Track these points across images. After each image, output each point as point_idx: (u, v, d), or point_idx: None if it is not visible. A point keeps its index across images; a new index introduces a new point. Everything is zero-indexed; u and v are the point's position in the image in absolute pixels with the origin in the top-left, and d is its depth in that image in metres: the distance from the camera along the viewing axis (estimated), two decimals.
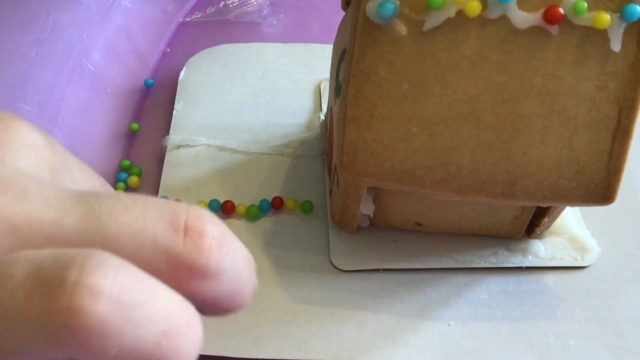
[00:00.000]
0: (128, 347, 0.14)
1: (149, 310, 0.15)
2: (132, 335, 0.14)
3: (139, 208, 0.16)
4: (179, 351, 0.15)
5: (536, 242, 0.32)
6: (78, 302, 0.13)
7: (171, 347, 0.15)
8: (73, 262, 0.14)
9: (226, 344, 0.28)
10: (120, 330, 0.14)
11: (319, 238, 0.33)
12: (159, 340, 0.15)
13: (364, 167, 0.26)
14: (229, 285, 0.17)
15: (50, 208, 0.16)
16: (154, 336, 0.15)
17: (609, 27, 0.24)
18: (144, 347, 0.15)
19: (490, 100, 0.25)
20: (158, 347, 0.15)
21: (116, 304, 0.14)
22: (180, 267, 0.16)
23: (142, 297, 0.15)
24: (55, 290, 0.13)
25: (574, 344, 0.29)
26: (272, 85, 0.41)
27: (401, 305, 0.30)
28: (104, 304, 0.14)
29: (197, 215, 0.16)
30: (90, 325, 0.13)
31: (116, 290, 0.14)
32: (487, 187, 0.26)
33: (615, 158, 0.26)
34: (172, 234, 0.16)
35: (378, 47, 0.24)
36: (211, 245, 0.16)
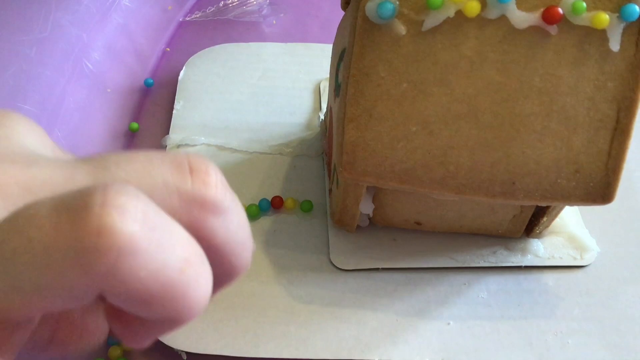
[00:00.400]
0: (155, 270, 0.14)
1: (170, 236, 0.15)
2: (158, 257, 0.14)
3: (142, 157, 0.17)
4: (198, 280, 0.16)
5: (535, 242, 0.32)
6: (108, 221, 0.13)
7: (192, 275, 0.15)
8: (95, 189, 0.14)
9: (226, 343, 0.28)
10: (147, 250, 0.14)
11: (319, 237, 0.33)
12: (181, 266, 0.15)
13: (363, 167, 0.26)
14: (235, 228, 0.18)
15: (59, 169, 0.16)
16: (177, 261, 0.15)
17: (608, 27, 0.24)
18: (169, 271, 0.15)
19: (489, 99, 0.25)
20: (181, 273, 0.15)
21: (142, 224, 0.14)
22: (193, 202, 0.16)
23: (163, 222, 0.15)
24: (83, 214, 0.14)
25: (573, 343, 0.29)
26: (271, 85, 0.41)
27: (400, 304, 0.30)
28: (132, 223, 0.14)
29: (197, 158, 0.17)
30: (121, 243, 0.14)
31: (140, 211, 0.14)
32: (486, 186, 0.26)
33: (614, 157, 0.26)
34: (179, 174, 0.17)
35: (377, 47, 0.24)
36: (216, 181, 0.17)
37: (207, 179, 0.17)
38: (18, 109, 0.33)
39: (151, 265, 0.14)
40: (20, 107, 0.34)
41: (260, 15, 0.46)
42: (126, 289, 0.14)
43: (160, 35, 0.45)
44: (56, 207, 0.14)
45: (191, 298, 0.16)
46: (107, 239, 0.13)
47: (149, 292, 0.14)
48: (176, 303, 0.15)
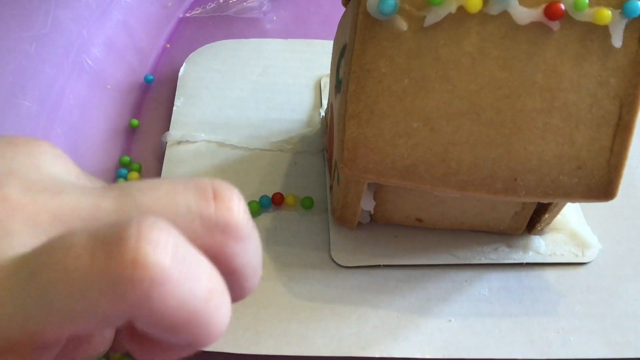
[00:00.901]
0: (183, 299, 0.15)
1: (198, 268, 0.16)
2: (186, 288, 0.15)
3: (166, 185, 0.18)
4: (221, 309, 0.17)
5: (537, 239, 0.32)
6: (142, 254, 0.14)
7: (216, 304, 0.17)
8: (129, 223, 0.15)
9: (226, 340, 0.28)
10: (177, 281, 0.15)
11: (319, 234, 0.33)
12: (206, 296, 0.16)
13: (364, 163, 0.26)
14: (252, 254, 0.19)
15: (86, 196, 0.17)
16: (203, 291, 0.16)
17: (610, 23, 0.24)
18: (196, 300, 0.16)
19: (491, 96, 0.25)
20: (207, 302, 0.16)
21: (173, 257, 0.15)
22: (215, 227, 0.17)
23: (191, 255, 0.16)
24: (119, 246, 0.14)
25: (575, 340, 0.29)
26: (272, 81, 0.41)
27: (401, 301, 0.30)
28: (164, 256, 0.15)
29: (220, 184, 0.18)
30: (154, 275, 0.15)
31: (171, 245, 0.15)
32: (487, 182, 0.26)
33: (616, 154, 0.26)
34: (203, 200, 0.17)
35: (378, 43, 0.24)
36: (239, 208, 0.18)
37: (230, 205, 0.18)
38: (18, 105, 0.33)
39: (180, 295, 0.15)
40: (20, 104, 0.33)
41: (261, 11, 0.46)
42: (155, 316, 0.15)
43: (160, 31, 0.45)
44: (92, 239, 0.15)
45: (214, 325, 0.17)
46: (141, 271, 0.14)
47: (176, 320, 0.16)
48: (200, 330, 0.16)
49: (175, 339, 0.17)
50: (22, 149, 0.19)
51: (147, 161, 0.37)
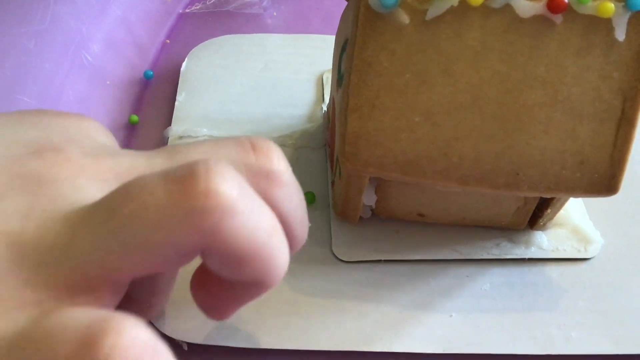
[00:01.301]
0: (250, 231, 0.17)
1: (260, 205, 0.17)
2: (253, 221, 0.17)
3: (207, 143, 0.19)
4: (281, 246, 0.18)
5: (539, 234, 0.32)
6: (213, 184, 0.16)
7: (277, 240, 0.18)
8: (196, 161, 0.16)
9: (227, 335, 0.28)
10: (245, 212, 0.16)
11: (321, 229, 0.33)
12: (270, 231, 0.18)
13: (365, 157, 0.26)
14: (296, 201, 0.21)
15: (139, 157, 0.19)
16: (267, 226, 0.17)
17: (614, 16, 0.24)
18: (261, 233, 0.17)
19: (493, 90, 0.25)
20: (270, 237, 0.17)
21: (240, 190, 0.16)
22: (259, 174, 0.19)
23: (253, 192, 0.17)
24: (191, 179, 0.16)
25: (577, 336, 0.29)
26: (274, 76, 0.41)
27: (403, 296, 0.30)
28: (233, 187, 0.16)
29: (257, 138, 0.20)
30: (225, 204, 0.16)
31: (237, 180, 0.16)
32: (490, 177, 0.26)
33: (619, 148, 0.25)
34: (244, 152, 0.19)
35: (380, 36, 0.24)
36: (278, 156, 0.19)
37: (270, 154, 0.19)
38: (17, 100, 0.33)
39: (248, 226, 0.16)
40: (19, 99, 0.33)
41: (261, 7, 0.46)
42: (226, 247, 0.16)
43: (160, 27, 0.45)
44: (165, 176, 0.16)
45: (276, 260, 0.18)
46: (213, 200, 0.16)
47: (244, 252, 0.17)
48: (264, 265, 0.18)
49: (241, 275, 0.18)
50: (73, 120, 0.21)
51: None
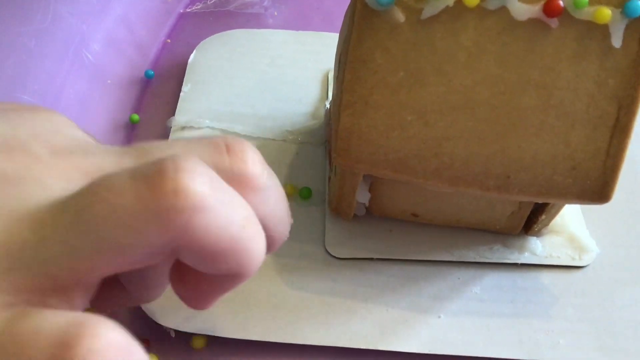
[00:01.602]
0: (223, 225, 0.16)
1: (232, 197, 0.17)
2: (225, 215, 0.16)
3: (180, 143, 0.19)
4: (256, 237, 0.18)
5: (533, 240, 0.32)
6: (182, 183, 0.15)
7: (252, 231, 0.18)
8: (165, 159, 0.16)
9: (214, 324, 0.29)
10: (216, 207, 0.16)
11: (315, 225, 0.33)
12: (243, 223, 0.17)
13: (357, 154, 0.26)
14: (274, 204, 0.20)
15: (108, 155, 0.18)
16: (240, 218, 0.17)
17: (610, 23, 0.23)
18: (234, 227, 0.17)
19: (486, 92, 0.25)
20: (244, 229, 0.17)
21: (210, 185, 0.16)
22: (232, 179, 0.18)
23: (224, 185, 0.17)
24: (159, 178, 0.16)
25: (565, 343, 0.29)
26: (280, 72, 0.41)
27: (392, 295, 0.30)
28: (203, 184, 0.16)
29: (233, 138, 0.19)
30: (195, 202, 0.16)
31: (207, 175, 0.16)
32: (480, 179, 0.26)
33: (612, 156, 0.25)
34: (218, 154, 0.18)
35: (375, 34, 0.24)
36: (254, 159, 0.19)
37: (244, 157, 0.18)
38: (18, 99, 0.34)
39: (220, 221, 0.16)
40: (19, 98, 0.34)
41: (262, 6, 0.46)
42: (198, 244, 0.16)
43: (161, 26, 0.45)
44: (133, 175, 0.16)
45: (251, 252, 0.18)
46: (183, 199, 0.15)
47: (217, 247, 0.17)
48: (239, 257, 0.17)
49: (217, 268, 0.18)
50: (42, 114, 0.20)
51: None
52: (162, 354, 0.29)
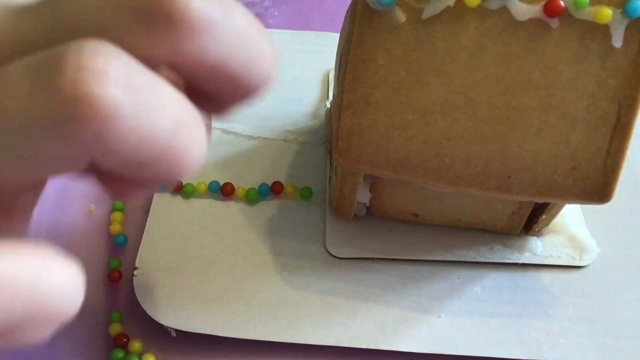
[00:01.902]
0: (144, 134, 0.13)
1: (159, 97, 0.14)
2: (147, 121, 0.13)
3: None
4: (192, 141, 0.15)
5: (534, 240, 0.32)
6: (83, 88, 0.12)
7: (185, 136, 0.14)
8: (67, 50, 0.13)
9: (215, 323, 0.29)
10: (134, 114, 0.13)
11: (316, 225, 0.33)
12: (173, 128, 0.14)
13: (358, 154, 0.26)
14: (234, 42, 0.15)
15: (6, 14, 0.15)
16: (168, 123, 0.14)
17: (611, 23, 0.23)
18: (161, 134, 0.14)
19: (487, 91, 0.25)
20: (173, 135, 0.14)
21: (125, 87, 0.13)
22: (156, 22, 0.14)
23: (149, 82, 0.14)
24: (55, 80, 0.12)
25: (565, 343, 0.29)
26: (280, 72, 0.40)
27: (393, 294, 0.30)
28: (114, 87, 0.13)
29: None
30: (104, 110, 0.13)
31: (122, 73, 0.13)
32: (481, 179, 0.26)
33: (613, 156, 0.25)
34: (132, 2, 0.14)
35: (376, 34, 0.24)
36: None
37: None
38: None
39: (140, 130, 0.13)
40: None
41: (262, 6, 0.46)
42: (117, 156, 0.13)
43: None
44: (28, 72, 0.13)
45: (185, 159, 0.15)
46: (87, 107, 0.12)
47: (141, 157, 0.14)
48: (171, 165, 0.14)
49: (145, 175, 0.15)
50: None
51: None
52: (162, 353, 0.29)
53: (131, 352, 0.29)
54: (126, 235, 0.33)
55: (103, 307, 0.31)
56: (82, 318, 0.30)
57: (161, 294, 0.29)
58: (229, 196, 0.34)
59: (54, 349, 0.29)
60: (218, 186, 0.34)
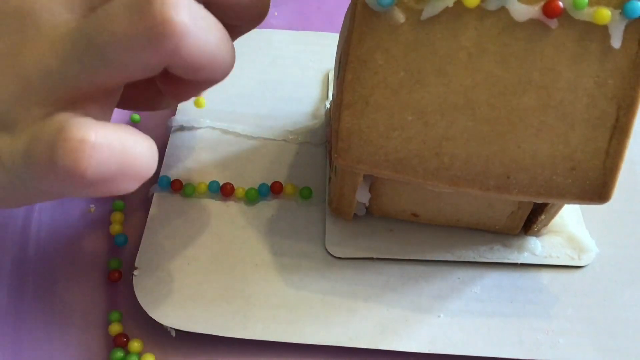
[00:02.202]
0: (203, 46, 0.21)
1: (209, 22, 0.21)
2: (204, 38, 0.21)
3: None
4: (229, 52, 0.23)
5: (533, 240, 0.32)
6: (168, 14, 0.19)
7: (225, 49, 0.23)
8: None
9: (214, 323, 0.29)
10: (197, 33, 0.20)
11: (316, 224, 0.33)
12: (218, 42, 0.22)
13: (357, 154, 0.26)
14: None
15: None
16: (215, 39, 0.22)
17: (610, 23, 0.23)
18: (211, 47, 0.21)
19: (486, 92, 0.25)
20: (217, 47, 0.22)
21: (190, 15, 0.20)
22: None
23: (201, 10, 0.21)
24: (150, 12, 0.19)
25: (564, 342, 0.29)
26: (281, 72, 0.41)
27: (392, 294, 0.30)
28: (186, 15, 0.20)
29: None
30: (180, 29, 0.19)
31: (187, 4, 0.20)
32: (480, 179, 0.26)
33: (612, 156, 0.25)
34: None
35: (376, 34, 0.24)
36: None
37: None
38: None
39: (200, 44, 0.21)
40: None
41: None
42: (183, 62, 0.21)
43: None
44: (129, 6, 0.20)
45: (225, 63, 0.23)
46: (169, 27, 0.19)
47: (199, 63, 0.21)
48: (216, 68, 0.23)
49: (198, 76, 0.22)
50: None
51: None
52: (162, 353, 0.29)
53: (131, 351, 0.29)
54: (126, 235, 0.33)
55: (103, 307, 0.31)
56: (82, 318, 0.30)
57: (161, 293, 0.30)
58: (229, 196, 0.34)
59: (54, 349, 0.29)
60: (218, 186, 0.34)
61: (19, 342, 0.29)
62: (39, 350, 0.29)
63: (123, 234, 0.33)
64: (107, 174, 0.20)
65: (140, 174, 0.21)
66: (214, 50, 0.21)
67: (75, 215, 0.34)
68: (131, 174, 0.21)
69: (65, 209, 0.34)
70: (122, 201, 0.34)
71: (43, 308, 0.30)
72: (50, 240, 0.33)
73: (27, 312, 0.30)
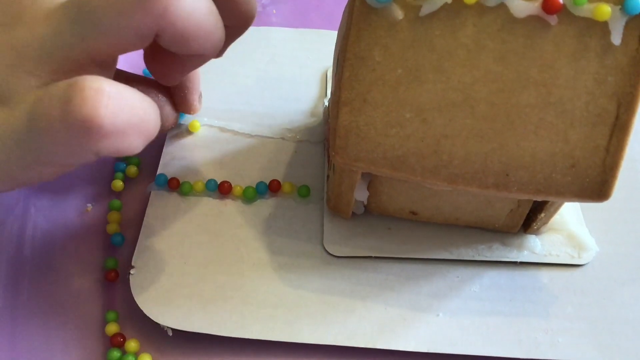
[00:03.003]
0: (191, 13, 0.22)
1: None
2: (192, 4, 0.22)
3: None
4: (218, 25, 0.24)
5: (532, 238, 0.32)
6: None
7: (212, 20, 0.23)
8: None
9: (212, 322, 0.28)
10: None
11: (314, 223, 0.33)
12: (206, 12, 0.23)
13: (355, 152, 0.26)
14: None
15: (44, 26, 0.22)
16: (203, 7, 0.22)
17: (610, 20, 0.23)
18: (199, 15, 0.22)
19: (485, 89, 0.24)
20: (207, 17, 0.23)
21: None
22: None
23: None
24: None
25: (563, 341, 0.29)
26: (279, 70, 0.41)
27: (391, 293, 0.30)
28: None
29: None
30: None
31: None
32: (479, 177, 0.26)
33: (612, 154, 0.25)
34: None
35: (374, 31, 0.24)
36: None
37: None
38: None
39: (188, 9, 0.21)
40: None
41: (261, 4, 0.46)
42: (173, 27, 0.21)
43: None
44: None
45: (213, 36, 0.23)
46: None
47: (187, 30, 0.22)
48: (204, 39, 0.23)
49: (187, 49, 0.23)
50: None
51: (146, 153, 0.37)
52: (159, 353, 0.29)
53: (128, 351, 0.28)
54: (123, 235, 0.32)
55: (99, 307, 0.30)
56: (78, 318, 0.30)
57: (158, 293, 0.29)
58: (227, 194, 0.34)
59: (51, 349, 0.29)
60: (215, 184, 0.33)
61: (16, 342, 0.29)
62: (36, 350, 0.29)
63: (120, 233, 0.33)
64: (121, 126, 0.20)
65: (149, 129, 0.22)
66: (202, 18, 0.22)
67: (72, 214, 0.34)
68: (141, 128, 0.21)
69: (61, 209, 0.34)
70: (119, 200, 0.34)
71: (39, 308, 0.30)
72: (47, 240, 0.32)
73: (23, 312, 0.30)
